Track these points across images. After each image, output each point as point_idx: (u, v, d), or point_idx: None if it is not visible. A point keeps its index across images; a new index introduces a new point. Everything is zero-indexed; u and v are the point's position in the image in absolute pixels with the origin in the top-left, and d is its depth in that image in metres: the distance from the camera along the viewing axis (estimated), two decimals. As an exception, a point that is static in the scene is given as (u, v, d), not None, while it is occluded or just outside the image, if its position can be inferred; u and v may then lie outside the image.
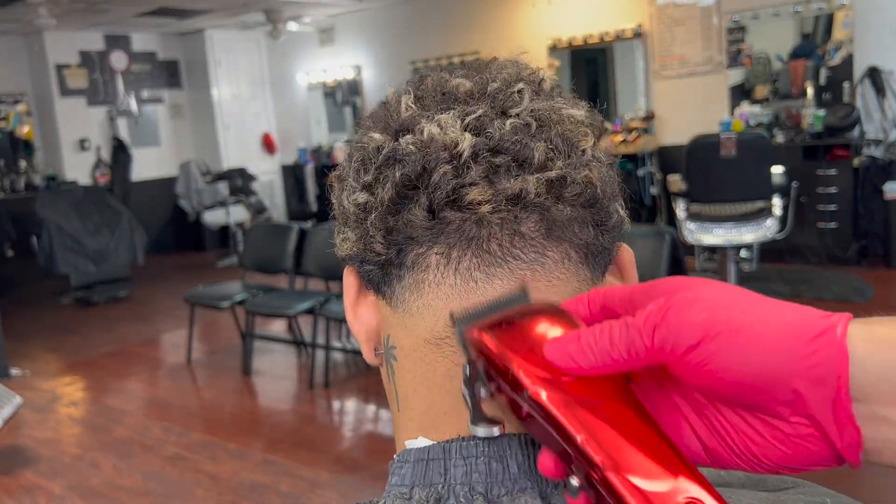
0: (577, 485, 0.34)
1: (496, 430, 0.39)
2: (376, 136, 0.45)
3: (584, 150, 0.44)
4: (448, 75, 0.47)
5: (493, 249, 0.42)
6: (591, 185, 0.43)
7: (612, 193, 0.45)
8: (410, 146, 0.42)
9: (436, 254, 0.43)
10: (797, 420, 0.32)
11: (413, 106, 0.45)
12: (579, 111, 0.46)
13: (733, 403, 0.34)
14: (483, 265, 0.42)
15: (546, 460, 0.36)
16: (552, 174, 0.42)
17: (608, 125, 6.61)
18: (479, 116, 0.42)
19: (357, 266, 0.47)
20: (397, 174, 0.42)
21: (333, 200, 0.49)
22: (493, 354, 0.37)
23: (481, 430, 0.39)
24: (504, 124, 0.42)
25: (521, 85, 0.45)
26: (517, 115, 0.43)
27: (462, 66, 0.49)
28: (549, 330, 0.37)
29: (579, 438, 0.33)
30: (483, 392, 0.39)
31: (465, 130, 0.42)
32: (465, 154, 0.41)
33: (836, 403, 0.31)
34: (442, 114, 0.43)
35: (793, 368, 0.31)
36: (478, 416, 0.39)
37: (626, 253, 0.49)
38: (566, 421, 0.34)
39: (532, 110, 0.43)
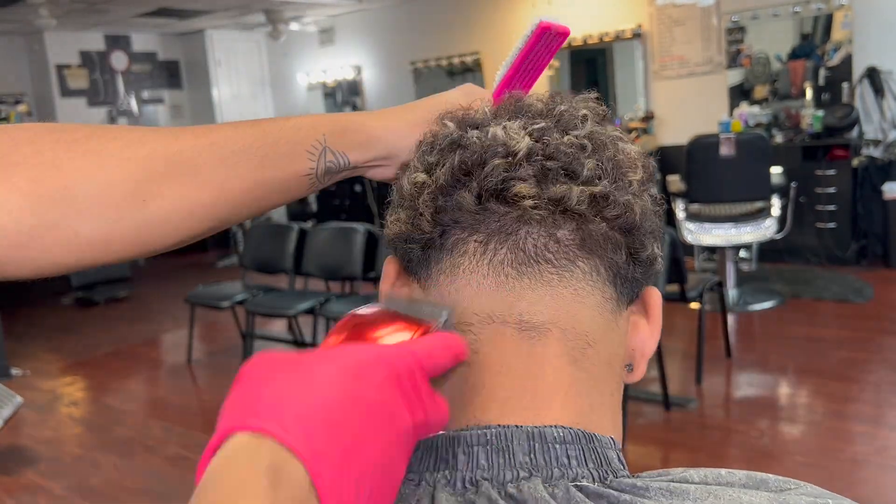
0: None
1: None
2: (451, 125, 0.50)
3: (631, 182, 0.47)
4: (528, 97, 0.52)
5: (528, 248, 0.45)
6: (630, 211, 0.46)
7: (651, 230, 0.48)
8: (475, 139, 0.47)
9: (475, 241, 0.46)
10: None
11: (488, 112, 0.50)
12: (634, 147, 0.50)
13: None
14: (516, 262, 0.45)
15: None
16: (596, 189, 0.45)
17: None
18: (542, 128, 0.47)
19: (401, 246, 0.50)
20: (456, 158, 0.46)
21: (394, 188, 0.52)
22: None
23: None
24: (562, 139, 0.46)
25: (585, 111, 0.49)
26: (576, 135, 0.47)
27: (544, 98, 0.52)
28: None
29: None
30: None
31: (526, 136, 0.46)
32: (521, 154, 0.45)
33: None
34: (510, 121, 0.48)
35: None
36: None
37: (655, 295, 0.51)
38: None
39: (590, 133, 0.47)
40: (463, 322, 0.46)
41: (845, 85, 5.49)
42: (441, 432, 0.44)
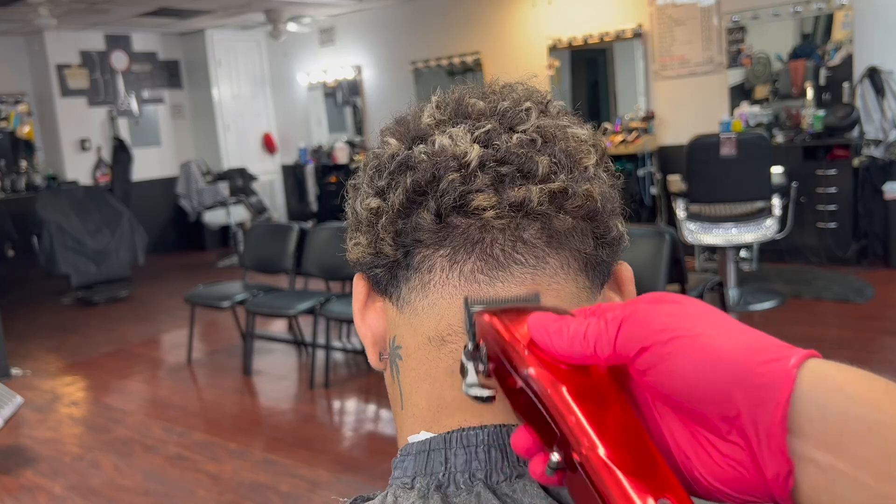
0: (557, 460, 0.34)
1: (487, 392, 0.40)
2: (392, 141, 0.48)
3: (586, 167, 0.46)
4: (469, 94, 0.49)
5: (496, 254, 0.44)
6: (591, 199, 0.45)
7: (613, 210, 0.48)
8: (422, 155, 0.45)
9: (441, 256, 0.45)
10: (733, 440, 0.32)
11: (435, 115, 0.48)
12: (583, 130, 0.48)
13: (678, 409, 0.34)
14: (486, 268, 0.44)
15: (521, 438, 0.37)
16: (555, 186, 0.44)
17: (608, 125, 6.61)
18: (488, 131, 0.45)
19: (367, 270, 0.50)
20: (408, 180, 0.45)
21: (347, 208, 0.51)
22: (500, 333, 0.38)
23: (474, 391, 0.40)
24: (511, 138, 0.45)
25: (528, 104, 0.47)
26: (524, 131, 0.46)
27: (480, 88, 0.50)
28: None
29: (572, 419, 0.34)
30: (481, 367, 0.40)
31: (475, 143, 0.45)
32: (473, 164, 0.44)
33: (770, 428, 0.30)
34: (454, 127, 0.46)
35: (738, 384, 0.31)
36: (472, 381, 0.40)
37: (626, 270, 0.51)
38: (560, 401, 0.34)
39: (538, 127, 0.46)
40: (442, 336, 0.45)
41: (846, 85, 5.48)
42: (433, 434, 0.45)
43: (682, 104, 6.28)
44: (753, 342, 0.32)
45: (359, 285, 0.51)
